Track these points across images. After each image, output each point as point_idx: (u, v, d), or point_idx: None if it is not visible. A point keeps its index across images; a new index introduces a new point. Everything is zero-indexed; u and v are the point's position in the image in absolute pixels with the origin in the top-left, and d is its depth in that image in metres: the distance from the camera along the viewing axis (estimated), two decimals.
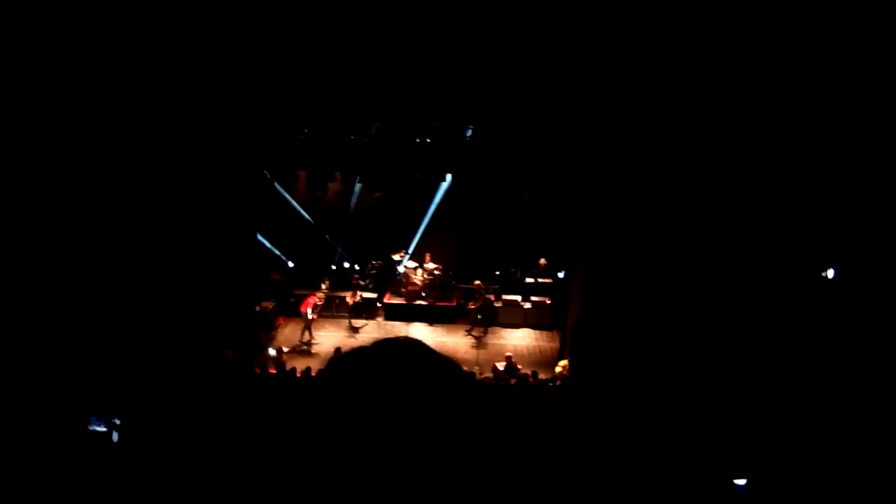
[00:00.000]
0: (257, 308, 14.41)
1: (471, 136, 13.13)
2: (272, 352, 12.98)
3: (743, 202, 10.28)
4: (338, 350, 12.47)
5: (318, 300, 14.55)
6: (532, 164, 12.83)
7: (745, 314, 10.08)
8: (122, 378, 7.98)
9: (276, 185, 15.26)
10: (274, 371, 11.35)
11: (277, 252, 15.90)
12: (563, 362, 12.14)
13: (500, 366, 12.10)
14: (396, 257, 16.28)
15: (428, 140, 13.35)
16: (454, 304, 15.62)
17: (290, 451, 1.05)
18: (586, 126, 11.04)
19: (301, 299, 14.50)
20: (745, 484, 6.10)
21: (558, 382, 11.38)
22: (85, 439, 5.78)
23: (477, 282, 15.08)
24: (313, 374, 9.72)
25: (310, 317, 14.09)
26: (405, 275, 15.83)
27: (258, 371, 11.08)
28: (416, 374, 1.06)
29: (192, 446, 5.90)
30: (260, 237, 14.94)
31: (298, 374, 10.61)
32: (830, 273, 10.67)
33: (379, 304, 15.77)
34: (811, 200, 10.05)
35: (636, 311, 9.62)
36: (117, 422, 5.91)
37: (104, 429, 5.85)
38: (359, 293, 15.33)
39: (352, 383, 1.06)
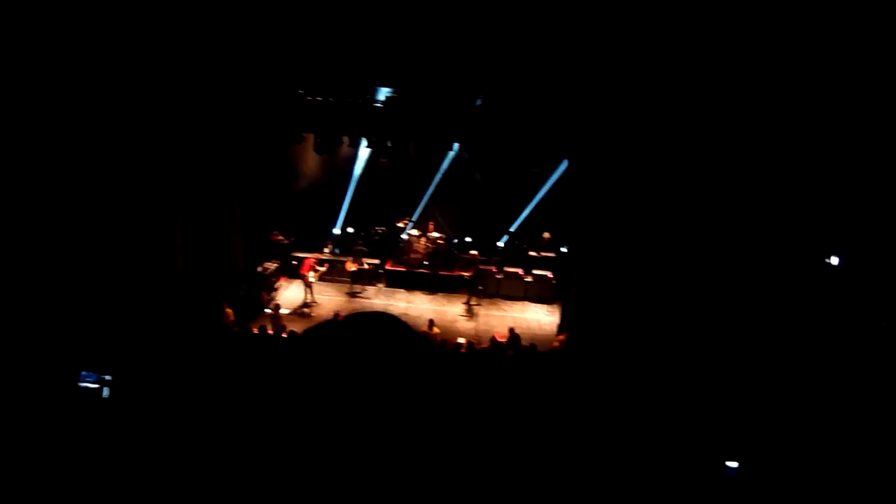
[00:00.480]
0: (259, 269, 14.42)
1: (480, 105, 12.93)
2: (272, 313, 13.02)
3: (748, 182, 10.13)
4: (336, 315, 12.52)
5: (319, 264, 14.62)
6: (542, 136, 12.65)
7: (746, 296, 10.00)
8: (119, 334, 8.00)
9: (283, 147, 15.13)
10: (272, 332, 11.39)
11: (282, 213, 15.86)
12: (562, 336, 12.15)
13: (501, 338, 12.10)
14: (400, 225, 16.32)
15: (436, 108, 13.16)
16: (456, 273, 15.64)
17: (271, 415, 1.10)
18: (596, 100, 10.85)
19: (303, 262, 14.52)
20: (738, 467, 6.11)
21: (556, 356, 11.40)
22: (76, 395, 5.80)
23: (474, 252, 15.15)
24: None
25: (311, 280, 14.11)
26: (408, 242, 15.82)
27: (256, 331, 11.10)
28: (384, 349, 1.08)
29: (185, 402, 5.92)
30: (265, 198, 14.88)
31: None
32: (835, 260, 10.54)
33: (381, 271, 15.78)
34: (817, 185, 9.89)
35: (635, 290, 9.57)
36: (108, 378, 5.93)
37: (95, 385, 5.86)
38: (361, 258, 15.34)
39: (322, 357, 1.10)
